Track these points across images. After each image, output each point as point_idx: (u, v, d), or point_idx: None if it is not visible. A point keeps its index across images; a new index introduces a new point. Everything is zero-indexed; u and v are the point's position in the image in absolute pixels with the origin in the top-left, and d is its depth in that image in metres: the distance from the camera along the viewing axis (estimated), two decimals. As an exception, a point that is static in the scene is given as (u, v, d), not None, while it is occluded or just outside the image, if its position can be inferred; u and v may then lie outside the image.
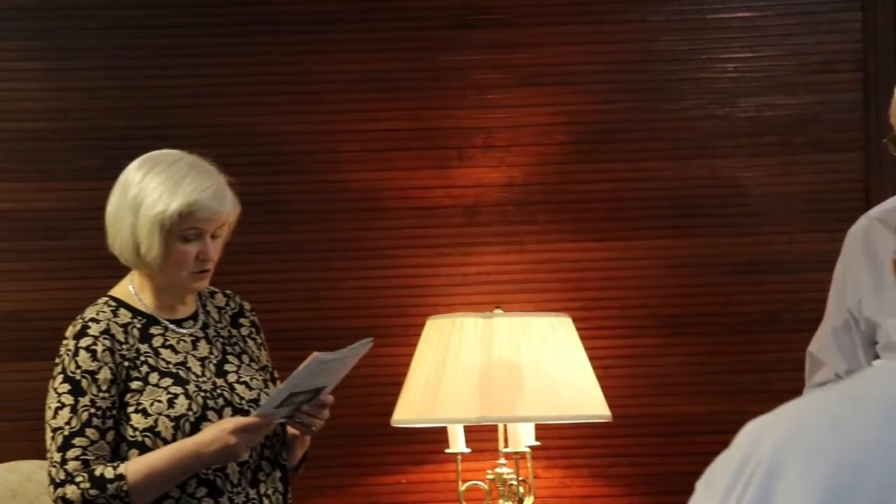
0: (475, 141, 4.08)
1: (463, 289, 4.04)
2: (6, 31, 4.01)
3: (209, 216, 2.82)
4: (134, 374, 2.80)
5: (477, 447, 3.80)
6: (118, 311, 2.86)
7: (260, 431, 2.75)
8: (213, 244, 2.85)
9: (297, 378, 2.73)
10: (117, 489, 2.70)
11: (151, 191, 2.82)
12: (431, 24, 4.08)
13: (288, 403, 2.78)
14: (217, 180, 2.87)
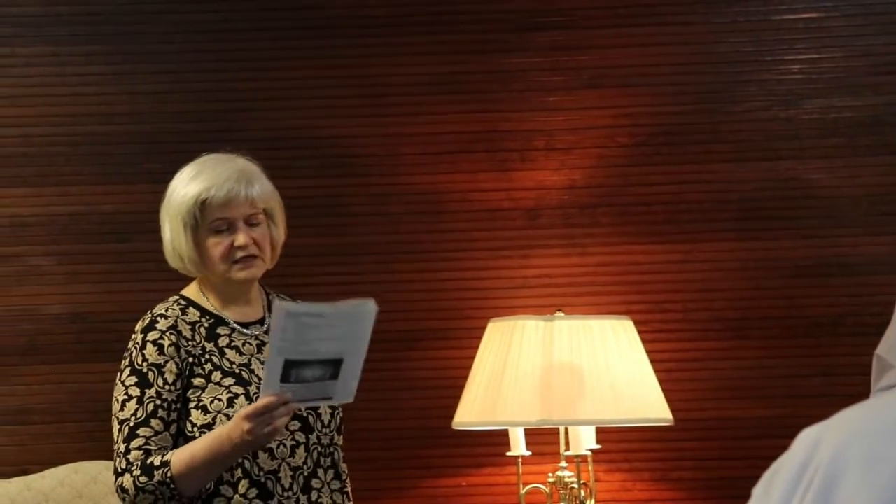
0: (537, 143, 4.05)
1: (524, 291, 4.01)
2: (79, 35, 4.03)
3: (225, 202, 2.79)
4: (198, 371, 2.79)
5: (538, 450, 3.76)
6: (187, 309, 2.86)
7: (276, 414, 2.62)
8: (252, 231, 2.83)
9: (277, 340, 2.56)
10: (163, 476, 2.69)
11: (174, 194, 2.84)
12: (494, 27, 4.06)
13: (299, 379, 2.61)
14: (234, 167, 2.84)
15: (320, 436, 2.85)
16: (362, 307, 2.65)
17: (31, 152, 4.02)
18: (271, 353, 2.60)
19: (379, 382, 3.82)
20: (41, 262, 4.00)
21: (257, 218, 2.85)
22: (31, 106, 4.02)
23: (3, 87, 4.02)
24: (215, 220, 2.80)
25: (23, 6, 4.03)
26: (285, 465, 2.79)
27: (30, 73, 4.02)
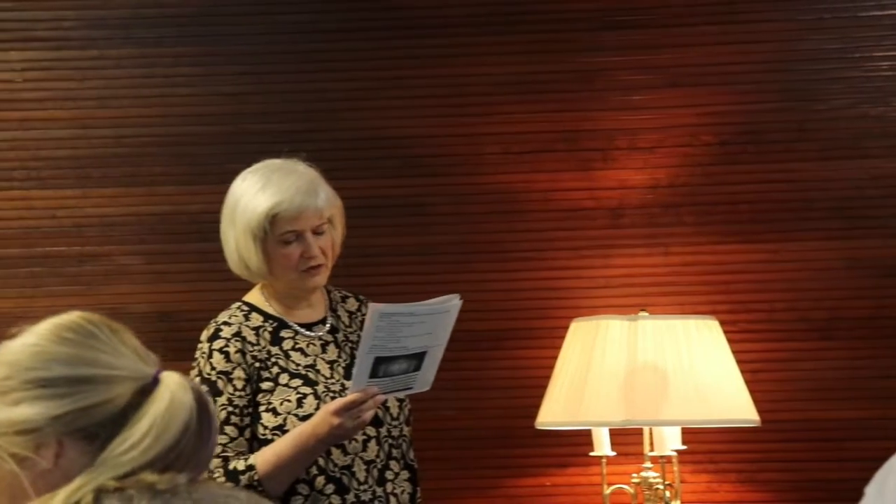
0: (619, 143, 4.00)
1: (607, 291, 3.95)
2: (165, 38, 4.05)
3: (296, 215, 2.78)
4: (265, 375, 2.79)
5: (622, 450, 3.70)
6: (250, 315, 2.85)
7: (364, 407, 2.66)
8: (318, 240, 2.82)
9: (370, 339, 2.62)
10: (249, 479, 2.69)
11: (240, 205, 2.82)
12: (575, 26, 4.01)
13: (385, 373, 2.67)
14: (300, 178, 2.81)
15: (390, 428, 2.85)
16: (449, 303, 2.70)
17: (121, 153, 4.04)
18: (362, 350, 2.63)
19: (461, 382, 3.79)
20: (129, 262, 4.02)
21: (323, 227, 2.84)
22: (120, 108, 4.04)
23: (93, 88, 4.04)
24: (285, 232, 2.80)
25: (112, 9, 4.05)
26: (358, 460, 2.79)
27: (119, 76, 4.05)
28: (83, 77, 4.03)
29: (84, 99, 4.03)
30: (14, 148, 4.02)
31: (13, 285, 3.99)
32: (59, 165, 4.02)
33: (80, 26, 4.03)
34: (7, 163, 4.02)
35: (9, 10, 4.04)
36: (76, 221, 4.01)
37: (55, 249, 4.01)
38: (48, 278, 3.99)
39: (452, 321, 2.73)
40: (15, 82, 4.03)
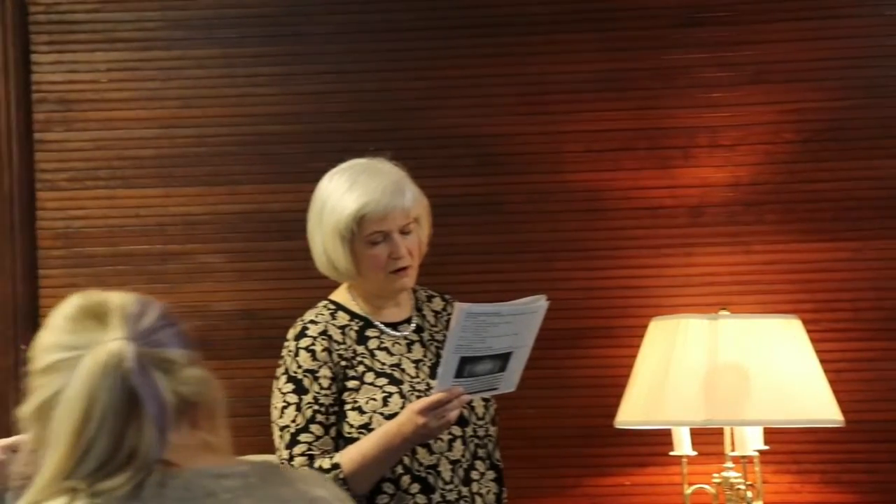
0: (700, 140, 3.96)
1: (687, 290, 3.91)
2: (247, 37, 4.08)
3: (383, 215, 2.76)
4: (350, 374, 2.79)
5: (703, 450, 3.66)
6: (336, 313, 2.85)
7: (449, 407, 2.64)
8: (405, 241, 2.80)
9: (456, 339, 2.60)
10: (334, 478, 2.67)
11: (327, 206, 2.80)
12: (657, 23, 3.98)
13: (470, 374, 2.65)
14: (387, 178, 2.79)
15: (476, 428, 2.83)
16: (535, 303, 2.67)
17: (202, 152, 4.07)
18: (448, 350, 2.62)
19: (541, 381, 3.77)
20: (211, 260, 4.05)
21: (410, 227, 2.83)
22: (202, 107, 4.07)
23: (175, 88, 4.08)
24: (373, 233, 2.78)
25: (194, 10, 4.08)
26: (444, 459, 2.78)
27: (201, 75, 4.08)
28: (166, 77, 4.07)
29: (167, 99, 4.06)
30: (99, 148, 4.07)
31: (99, 283, 4.03)
32: (142, 165, 4.06)
33: (164, 27, 4.07)
34: (92, 162, 4.07)
35: (94, 11, 4.08)
36: (159, 220, 4.05)
37: (139, 248, 4.05)
38: (132, 276, 4.03)
39: (539, 322, 2.70)
40: (100, 83, 4.08)
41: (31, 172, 4.06)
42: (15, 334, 4.01)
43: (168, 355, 1.54)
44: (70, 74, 4.07)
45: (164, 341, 1.55)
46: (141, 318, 1.55)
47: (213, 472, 1.53)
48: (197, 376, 1.57)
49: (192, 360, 1.57)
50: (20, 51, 4.06)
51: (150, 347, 1.53)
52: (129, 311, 1.55)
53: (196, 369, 1.57)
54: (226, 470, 1.54)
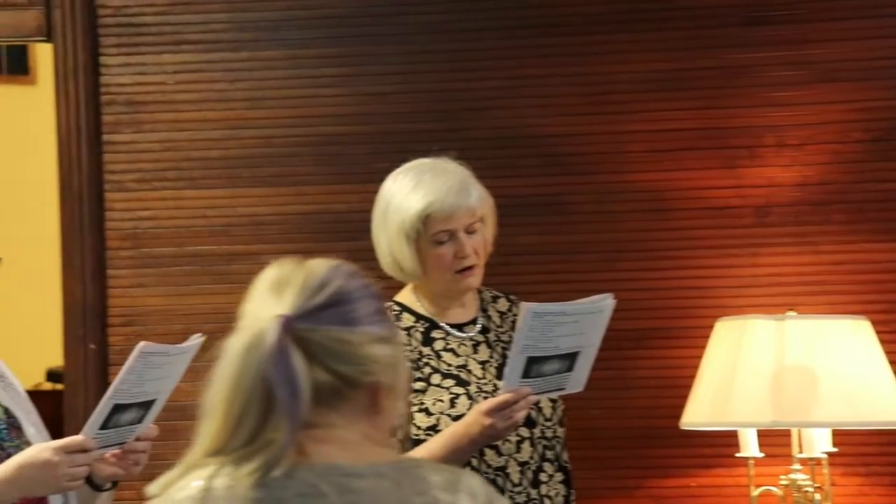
0: (766, 140, 3.92)
1: (753, 290, 3.87)
2: (312, 38, 4.09)
3: (448, 215, 2.74)
4: (417, 375, 2.78)
5: (769, 452, 3.61)
6: (401, 315, 2.84)
7: (516, 408, 2.61)
8: (471, 240, 2.78)
9: (522, 339, 2.57)
10: None
11: (392, 206, 2.79)
12: (721, 22, 3.94)
13: (538, 374, 2.62)
14: (452, 177, 2.77)
15: (543, 429, 2.81)
16: (602, 302, 2.65)
17: (269, 153, 4.09)
18: (515, 350, 2.60)
19: (605, 381, 3.73)
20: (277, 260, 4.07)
21: (475, 226, 2.80)
22: (269, 108, 4.09)
23: (242, 90, 4.10)
24: (438, 232, 2.76)
25: (262, 11, 4.10)
26: (512, 461, 2.76)
27: (267, 77, 4.09)
28: (233, 79, 4.09)
29: (234, 100, 4.09)
30: (167, 149, 4.10)
31: (165, 283, 4.06)
32: (209, 166, 4.09)
33: (231, 29, 4.10)
34: (160, 163, 4.10)
35: (161, 14, 4.11)
36: (226, 221, 4.07)
37: (206, 248, 4.07)
38: (199, 276, 4.05)
39: (606, 321, 2.67)
40: (167, 84, 4.11)
41: (100, 174, 4.10)
42: (84, 333, 4.05)
43: (330, 335, 1.51)
44: (138, 76, 4.10)
45: (332, 319, 1.52)
46: (317, 293, 1.53)
47: (346, 469, 1.49)
48: (372, 356, 1.53)
49: (375, 339, 1.53)
50: (89, 53, 4.10)
51: (311, 325, 1.51)
52: (307, 286, 1.54)
53: (378, 348, 1.53)
54: (361, 469, 1.49)
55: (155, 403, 2.46)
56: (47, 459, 2.32)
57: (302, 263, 1.58)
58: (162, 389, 2.45)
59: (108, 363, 4.05)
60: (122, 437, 2.44)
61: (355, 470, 1.49)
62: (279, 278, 1.57)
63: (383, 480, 1.49)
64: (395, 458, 1.55)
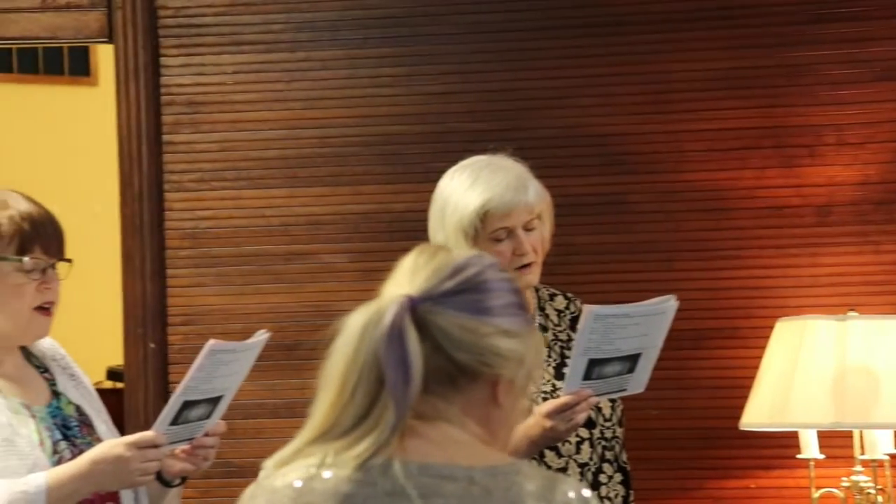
0: (827, 138, 3.88)
1: (813, 290, 3.83)
2: (372, 39, 4.09)
3: (506, 211, 2.70)
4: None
5: (830, 453, 3.57)
6: None
7: (577, 410, 2.58)
8: (529, 237, 2.75)
9: (584, 341, 2.54)
10: None
11: (450, 203, 2.75)
12: (783, 20, 3.90)
13: (599, 375, 2.59)
14: (509, 174, 2.73)
15: (603, 430, 2.79)
16: (665, 304, 2.62)
17: (326, 153, 4.09)
18: (577, 353, 2.57)
19: (664, 382, 3.69)
20: (334, 260, 4.07)
21: (533, 223, 2.77)
22: (326, 108, 4.10)
23: (300, 90, 4.11)
24: (496, 229, 2.72)
25: (319, 11, 4.11)
26: (572, 462, 2.74)
27: (325, 77, 4.10)
28: (291, 79, 4.10)
29: (292, 101, 4.10)
30: (225, 149, 4.12)
31: (224, 283, 4.08)
32: (267, 166, 4.10)
33: (289, 29, 4.11)
34: (219, 163, 4.11)
35: (221, 14, 4.13)
36: (284, 220, 4.09)
37: (264, 248, 4.09)
38: (257, 276, 4.07)
39: (668, 322, 2.63)
40: (226, 85, 4.12)
41: (160, 174, 4.12)
42: (144, 332, 4.08)
43: (456, 320, 1.47)
44: (197, 77, 4.12)
45: (461, 305, 1.48)
46: (450, 277, 1.49)
47: (438, 470, 1.45)
48: (495, 347, 1.48)
49: (502, 331, 1.49)
50: (150, 55, 4.12)
51: (436, 307, 1.47)
52: (440, 270, 1.50)
53: (504, 341, 1.49)
54: (454, 471, 1.45)
55: (223, 399, 2.48)
56: (120, 454, 2.34)
57: (445, 249, 1.56)
58: (230, 386, 2.47)
59: (168, 362, 4.07)
60: (192, 432, 2.46)
61: (447, 472, 1.45)
62: (417, 261, 1.53)
63: (473, 486, 1.44)
64: (494, 462, 1.48)
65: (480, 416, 1.50)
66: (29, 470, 2.32)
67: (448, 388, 1.48)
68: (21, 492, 2.28)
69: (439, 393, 1.48)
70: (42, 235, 2.43)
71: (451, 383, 1.48)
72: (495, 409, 1.50)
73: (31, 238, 2.42)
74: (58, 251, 2.47)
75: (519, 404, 1.53)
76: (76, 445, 2.44)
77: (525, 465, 1.50)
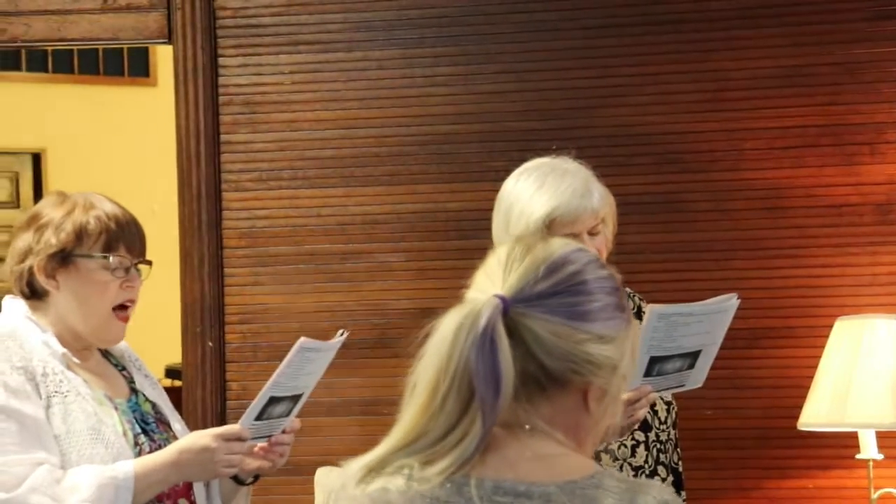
0: (888, 136, 3.83)
1: (873, 289, 3.79)
2: (426, 38, 4.09)
3: (573, 219, 2.67)
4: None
5: (890, 454, 3.55)
6: None
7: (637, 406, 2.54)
8: (594, 241, 2.74)
9: (647, 340, 2.52)
10: None
11: (515, 209, 2.73)
12: (843, 17, 3.86)
13: (659, 372, 2.56)
14: (575, 179, 2.69)
15: (658, 433, 2.77)
16: (727, 302, 2.60)
17: (382, 152, 4.10)
18: (640, 350, 2.57)
19: (720, 381, 3.69)
20: (390, 259, 4.08)
21: (598, 228, 2.76)
22: (382, 108, 4.10)
23: (356, 90, 4.11)
24: (562, 236, 2.73)
25: (375, 11, 4.11)
26: (627, 466, 2.73)
27: (381, 76, 4.10)
28: (347, 79, 4.10)
29: (348, 100, 4.10)
30: (282, 149, 4.13)
31: (281, 282, 4.09)
32: (324, 165, 4.11)
33: (345, 29, 4.11)
34: (276, 163, 4.13)
35: (278, 14, 4.14)
36: (340, 220, 4.09)
37: (320, 247, 4.10)
38: (313, 275, 4.08)
39: (729, 320, 2.61)
40: (284, 85, 4.14)
41: (218, 173, 4.14)
42: (202, 331, 4.10)
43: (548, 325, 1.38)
44: (255, 77, 4.14)
45: (556, 309, 1.39)
46: (546, 277, 1.40)
47: (513, 489, 1.38)
48: (588, 355, 1.40)
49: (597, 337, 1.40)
50: (209, 55, 4.14)
51: (530, 310, 1.39)
52: (537, 268, 1.41)
53: (598, 347, 1.40)
54: (529, 489, 1.37)
55: (302, 397, 2.50)
56: (206, 445, 2.37)
57: (543, 240, 1.45)
58: (309, 384, 2.49)
59: (225, 360, 4.09)
60: (272, 429, 2.48)
61: (522, 489, 1.37)
62: (513, 253, 1.43)
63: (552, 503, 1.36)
64: (574, 476, 1.40)
65: (568, 424, 1.43)
66: (114, 458, 2.36)
67: (536, 396, 1.40)
68: (110, 477, 2.32)
69: (526, 400, 1.40)
70: (127, 235, 2.47)
71: (539, 390, 1.40)
72: (585, 417, 1.43)
73: (116, 237, 2.46)
74: (140, 252, 2.51)
75: (612, 410, 1.44)
76: (154, 440, 2.47)
77: (606, 477, 1.41)
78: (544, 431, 1.41)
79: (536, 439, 1.41)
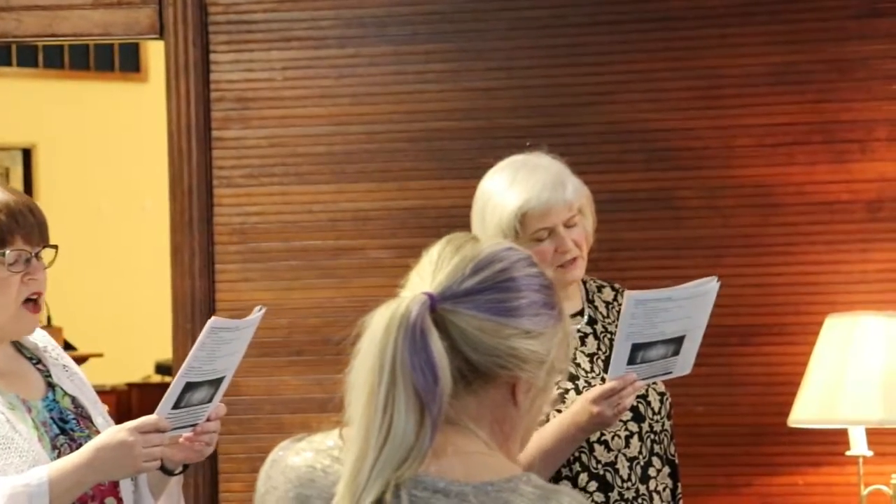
0: (878, 133, 3.83)
1: (863, 286, 3.79)
2: (418, 35, 4.08)
3: (544, 211, 2.67)
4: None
5: (879, 450, 3.55)
6: None
7: (623, 394, 2.56)
8: (571, 233, 2.74)
9: (627, 327, 2.53)
10: None
11: (489, 206, 2.73)
12: (835, 15, 3.85)
13: (643, 360, 2.57)
14: (546, 173, 2.71)
15: (652, 423, 2.77)
16: (707, 285, 2.60)
17: (373, 149, 4.09)
18: (620, 338, 2.56)
19: (712, 378, 3.70)
20: (381, 255, 4.07)
21: (574, 220, 2.76)
22: (374, 104, 4.09)
23: (348, 86, 4.10)
24: (537, 230, 2.71)
25: (367, 7, 4.11)
26: (622, 456, 2.72)
27: (373, 73, 4.10)
28: (339, 75, 4.10)
29: (340, 96, 4.10)
30: (274, 145, 4.12)
31: (272, 278, 4.09)
32: (316, 161, 4.10)
33: (337, 25, 4.10)
34: (267, 159, 4.12)
35: (270, 11, 4.14)
36: (331, 216, 4.09)
37: (312, 243, 4.09)
38: (305, 271, 4.07)
39: (711, 303, 2.62)
40: (275, 81, 4.13)
41: (210, 169, 4.13)
42: (193, 328, 4.08)
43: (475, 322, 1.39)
44: (247, 73, 4.13)
45: (483, 306, 1.41)
46: (473, 274, 1.42)
47: (431, 484, 1.38)
48: (513, 349, 1.40)
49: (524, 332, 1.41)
50: (200, 50, 4.13)
51: (457, 307, 1.40)
52: (465, 265, 1.43)
53: (524, 342, 1.41)
54: (447, 486, 1.38)
55: (223, 381, 2.40)
56: (123, 440, 2.26)
57: (473, 240, 1.46)
58: (229, 366, 2.38)
59: (217, 356, 4.07)
60: (195, 417, 2.38)
61: (441, 486, 1.38)
62: (444, 252, 1.46)
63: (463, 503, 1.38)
64: (490, 477, 1.40)
65: (495, 418, 1.44)
66: (29, 466, 2.26)
67: (462, 391, 1.41)
68: (23, 485, 2.21)
69: (452, 395, 1.40)
70: (22, 225, 2.32)
71: (465, 385, 1.42)
72: (512, 410, 1.44)
73: (9, 229, 2.32)
74: (40, 239, 2.36)
75: (539, 403, 1.46)
76: (74, 440, 2.38)
77: (523, 482, 1.42)
78: (468, 428, 1.43)
79: (461, 436, 1.42)
